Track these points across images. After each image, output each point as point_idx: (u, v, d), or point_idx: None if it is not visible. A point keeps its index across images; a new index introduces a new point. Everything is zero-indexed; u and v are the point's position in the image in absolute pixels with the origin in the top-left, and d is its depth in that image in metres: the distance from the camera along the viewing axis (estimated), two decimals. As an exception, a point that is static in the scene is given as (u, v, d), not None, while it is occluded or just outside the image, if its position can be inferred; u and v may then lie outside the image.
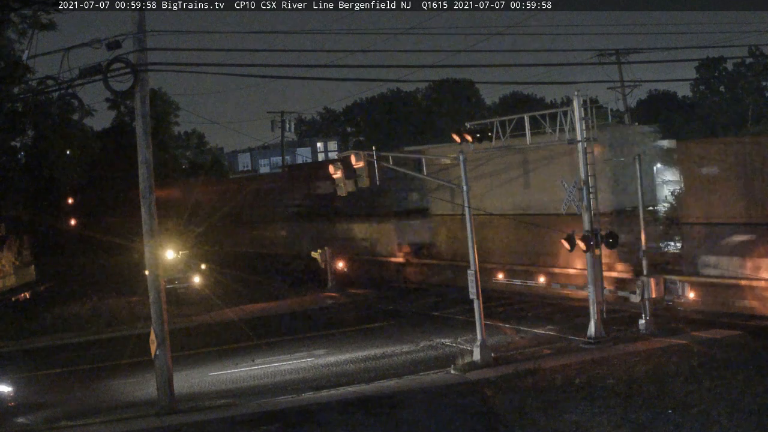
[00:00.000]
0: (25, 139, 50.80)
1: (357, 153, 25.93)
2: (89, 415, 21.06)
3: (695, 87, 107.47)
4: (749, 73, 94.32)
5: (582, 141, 25.29)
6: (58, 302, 37.59)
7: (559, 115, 26.08)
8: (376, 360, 25.44)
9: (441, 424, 18.25)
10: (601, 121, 26.86)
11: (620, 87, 51.33)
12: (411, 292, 38.81)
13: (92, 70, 19.75)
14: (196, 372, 25.29)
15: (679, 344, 23.70)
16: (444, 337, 27.94)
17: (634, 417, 17.26)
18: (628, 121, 52.64)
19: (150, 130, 20.80)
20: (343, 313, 35.05)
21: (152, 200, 20.76)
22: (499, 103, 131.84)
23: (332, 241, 44.21)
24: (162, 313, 20.73)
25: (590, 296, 25.13)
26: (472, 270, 23.76)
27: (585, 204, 25.33)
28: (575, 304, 30.12)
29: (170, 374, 20.79)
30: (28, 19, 40.09)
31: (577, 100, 25.21)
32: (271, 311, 36.67)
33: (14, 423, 20.98)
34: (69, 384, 25.27)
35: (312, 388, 22.15)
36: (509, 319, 30.02)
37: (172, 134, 73.92)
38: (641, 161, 27.19)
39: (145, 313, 24.91)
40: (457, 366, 23.05)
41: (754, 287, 26.72)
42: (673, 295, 26.12)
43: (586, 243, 24.76)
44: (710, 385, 18.92)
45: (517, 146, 29.17)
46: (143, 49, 20.06)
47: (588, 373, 21.05)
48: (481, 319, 23.59)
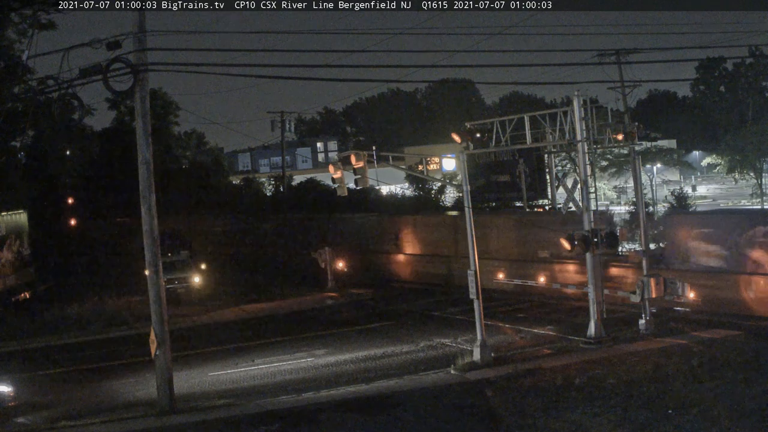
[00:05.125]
0: (25, 139, 50.76)
1: (357, 153, 25.93)
2: (89, 415, 21.05)
3: (695, 87, 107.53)
4: (749, 73, 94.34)
5: (582, 141, 25.28)
6: (58, 302, 37.50)
7: (559, 115, 26.09)
8: (376, 360, 25.43)
9: (441, 424, 18.25)
10: (602, 121, 26.82)
11: (620, 87, 51.23)
12: (411, 292, 38.80)
13: (92, 70, 19.75)
14: (196, 372, 25.28)
15: (679, 344, 23.72)
16: (444, 337, 27.94)
17: (634, 417, 17.26)
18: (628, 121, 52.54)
19: (150, 130, 20.81)
20: (343, 313, 35.05)
21: (152, 200, 20.77)
22: (499, 103, 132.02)
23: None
24: (162, 313, 20.74)
25: (590, 296, 25.13)
26: (472, 270, 23.77)
27: (585, 204, 25.34)
28: (575, 304, 30.13)
29: (170, 374, 20.79)
30: (28, 19, 40.04)
31: (577, 100, 25.21)
32: (271, 311, 36.65)
33: (14, 423, 20.96)
34: (69, 384, 25.24)
35: (312, 388, 22.15)
36: (509, 319, 30.01)
37: (172, 134, 73.84)
38: (639, 161, 27.21)
39: (145, 313, 24.91)
40: (457, 366, 23.05)
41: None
42: (673, 295, 26.13)
43: (586, 243, 24.75)
44: (710, 385, 18.93)
45: (517, 146, 29.17)
46: (143, 49, 20.06)
47: (588, 373, 21.05)
48: (481, 319, 23.60)
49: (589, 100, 25.63)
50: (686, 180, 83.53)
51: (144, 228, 20.87)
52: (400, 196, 62.44)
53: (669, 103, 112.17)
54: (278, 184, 70.76)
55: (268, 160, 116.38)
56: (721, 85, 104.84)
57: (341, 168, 26.09)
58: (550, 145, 29.46)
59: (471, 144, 26.00)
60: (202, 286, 39.88)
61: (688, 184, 78.35)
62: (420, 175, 41.58)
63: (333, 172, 26.58)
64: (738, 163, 66.80)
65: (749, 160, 65.73)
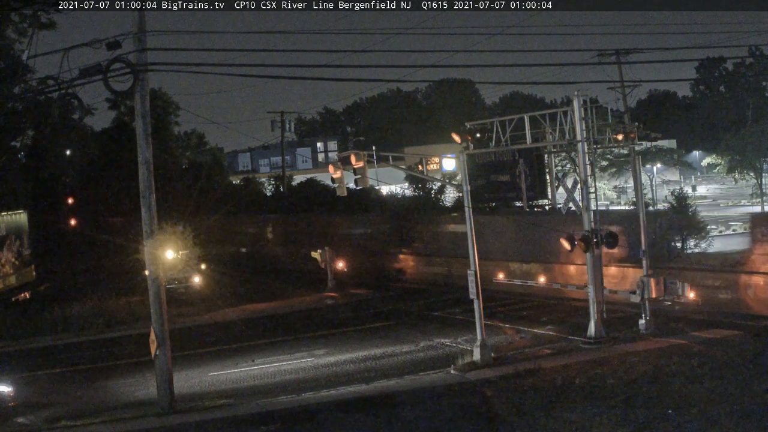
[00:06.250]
0: (25, 139, 50.77)
1: (357, 153, 25.92)
2: (89, 415, 21.03)
3: (695, 87, 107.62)
4: (749, 73, 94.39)
5: (582, 141, 25.28)
6: (58, 302, 37.45)
7: (559, 115, 26.08)
8: (376, 360, 25.43)
9: (441, 424, 18.24)
10: (601, 121, 26.83)
11: (620, 87, 51.23)
12: (411, 292, 38.80)
13: (92, 70, 19.71)
14: (196, 372, 25.28)
15: (679, 344, 23.71)
16: (444, 337, 27.93)
17: (634, 417, 17.26)
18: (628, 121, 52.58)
19: (150, 130, 20.80)
20: (343, 313, 35.05)
21: (152, 200, 20.76)
22: (499, 103, 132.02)
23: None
24: (162, 313, 20.74)
25: (590, 296, 25.12)
26: (472, 270, 23.77)
27: (585, 204, 25.33)
28: (575, 304, 30.12)
29: (170, 374, 20.79)
30: (28, 19, 40.05)
31: (577, 100, 25.20)
32: (271, 311, 36.65)
33: (14, 423, 20.95)
34: (69, 384, 25.24)
35: (312, 388, 22.14)
36: (509, 319, 30.01)
37: (172, 134, 73.80)
38: (639, 161, 27.19)
39: (145, 313, 24.90)
40: (457, 366, 23.05)
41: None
42: (673, 295, 26.12)
43: (586, 243, 24.75)
44: (710, 385, 18.92)
45: (517, 146, 29.17)
46: (143, 49, 20.04)
47: (588, 373, 21.05)
48: (481, 319, 23.60)
49: (589, 100, 25.63)
50: (686, 180, 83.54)
51: (144, 228, 20.88)
52: (400, 196, 62.43)
53: (669, 103, 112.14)
54: (278, 184, 70.79)
55: (268, 160, 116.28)
56: (721, 85, 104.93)
57: (341, 168, 26.06)
58: (550, 145, 29.48)
59: (471, 144, 26.00)
60: (202, 286, 39.85)
61: (688, 184, 78.32)
62: (420, 175, 41.52)
63: (333, 172, 26.56)
64: (738, 163, 66.75)
65: (749, 160, 65.69)
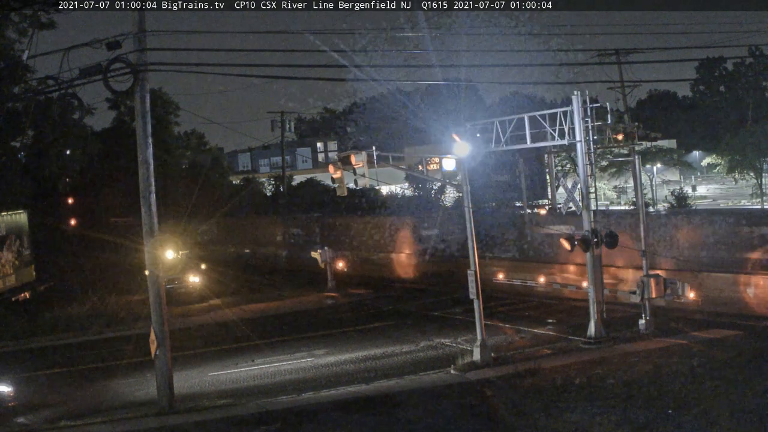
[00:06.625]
0: (25, 139, 50.77)
1: (357, 153, 25.91)
2: (89, 415, 21.03)
3: (695, 87, 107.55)
4: (749, 73, 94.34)
5: (582, 141, 25.27)
6: (58, 302, 37.49)
7: (559, 115, 26.06)
8: (376, 360, 25.43)
9: (441, 424, 18.24)
10: (601, 121, 26.80)
11: (620, 87, 51.31)
12: (411, 292, 38.80)
13: (92, 70, 19.73)
14: (196, 372, 25.27)
15: (679, 344, 23.71)
16: (444, 337, 27.93)
17: (634, 417, 17.25)
18: (628, 121, 52.63)
19: (150, 130, 20.80)
20: (343, 313, 35.06)
21: (152, 200, 20.77)
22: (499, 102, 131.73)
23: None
24: (162, 313, 20.74)
25: (590, 296, 25.12)
26: (472, 270, 23.76)
27: (585, 204, 25.32)
28: (575, 304, 30.13)
29: (170, 374, 20.79)
30: (28, 19, 40.09)
31: (577, 100, 25.18)
32: (271, 311, 36.65)
33: (14, 423, 20.95)
34: (69, 384, 25.23)
35: (312, 388, 22.14)
36: (509, 319, 30.01)
37: (172, 134, 73.80)
38: (639, 161, 27.18)
39: (145, 313, 24.90)
40: (457, 366, 23.04)
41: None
42: (673, 295, 26.12)
43: (586, 243, 24.75)
44: (710, 385, 18.92)
45: (517, 146, 29.13)
46: (143, 49, 20.04)
47: (588, 373, 21.05)
48: (481, 319, 23.59)
49: (588, 100, 25.61)
50: (686, 180, 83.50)
51: (144, 228, 20.88)
52: (400, 196, 62.46)
53: (669, 103, 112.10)
54: (278, 184, 70.82)
55: (268, 160, 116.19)
56: (721, 85, 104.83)
57: (341, 168, 26.05)
58: (550, 145, 29.39)
59: (471, 144, 25.97)
60: (202, 286, 39.86)
61: (688, 184, 78.32)
62: (420, 175, 41.55)
63: (333, 172, 26.54)
64: (738, 163, 66.73)
65: (749, 160, 65.66)
